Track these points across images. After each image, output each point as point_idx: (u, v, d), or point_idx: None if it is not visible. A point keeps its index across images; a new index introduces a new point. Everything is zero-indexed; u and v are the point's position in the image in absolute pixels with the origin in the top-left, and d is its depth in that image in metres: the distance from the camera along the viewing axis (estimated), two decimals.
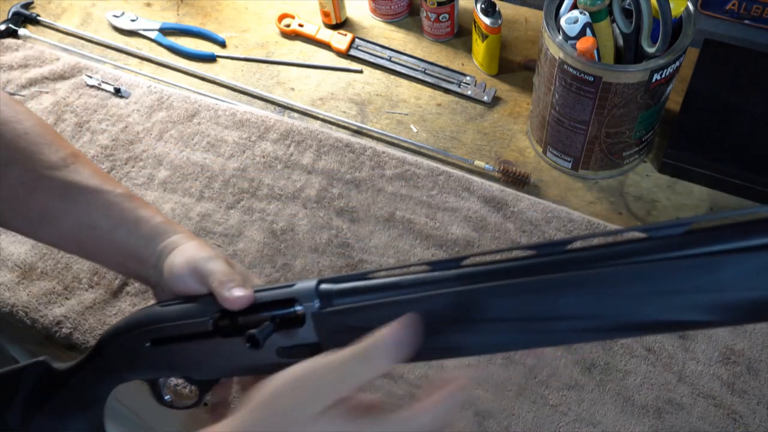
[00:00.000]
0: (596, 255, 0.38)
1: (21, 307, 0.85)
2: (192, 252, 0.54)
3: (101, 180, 0.58)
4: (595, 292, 0.36)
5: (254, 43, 1.14)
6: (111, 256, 0.57)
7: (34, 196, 0.56)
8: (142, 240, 0.56)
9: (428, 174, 0.94)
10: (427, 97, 1.05)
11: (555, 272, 0.38)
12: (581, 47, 0.78)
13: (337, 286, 0.45)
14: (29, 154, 0.56)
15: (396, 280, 0.44)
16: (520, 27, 1.12)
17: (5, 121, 0.56)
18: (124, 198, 0.57)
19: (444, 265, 0.42)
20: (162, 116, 1.03)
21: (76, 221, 0.56)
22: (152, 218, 0.57)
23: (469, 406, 0.75)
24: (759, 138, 0.88)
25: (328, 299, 0.45)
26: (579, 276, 0.37)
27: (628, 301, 0.36)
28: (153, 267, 0.56)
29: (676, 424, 0.73)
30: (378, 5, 1.13)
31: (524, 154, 0.97)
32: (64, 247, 0.60)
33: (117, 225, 0.56)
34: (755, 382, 0.75)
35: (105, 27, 1.17)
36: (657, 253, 0.36)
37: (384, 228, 0.89)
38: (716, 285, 0.34)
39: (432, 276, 0.42)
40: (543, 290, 0.38)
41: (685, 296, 0.34)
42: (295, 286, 0.46)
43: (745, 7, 0.96)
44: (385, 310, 0.42)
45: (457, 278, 0.41)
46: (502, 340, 0.40)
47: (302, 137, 0.99)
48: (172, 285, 0.54)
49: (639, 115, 0.83)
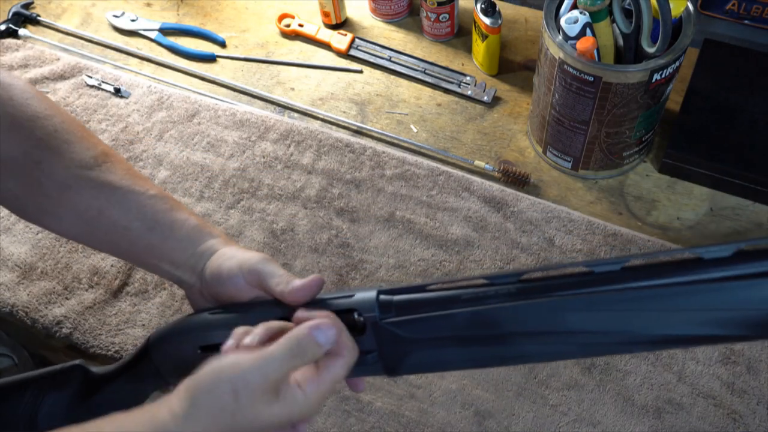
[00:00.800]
0: (646, 273, 0.40)
1: (21, 307, 0.85)
2: (242, 255, 0.53)
3: (134, 180, 0.57)
4: (645, 308, 0.39)
5: (254, 43, 1.14)
6: (145, 258, 0.56)
7: (67, 195, 0.55)
8: (178, 243, 0.55)
9: (428, 174, 0.94)
10: (427, 97, 1.05)
11: (612, 290, 0.40)
12: (581, 47, 0.78)
13: (397, 298, 0.46)
14: (61, 152, 0.55)
15: (454, 293, 0.45)
16: (520, 27, 1.12)
17: (35, 117, 0.55)
18: (158, 199, 0.56)
19: (501, 279, 0.44)
20: (162, 116, 1.03)
21: (110, 222, 0.55)
22: (187, 221, 0.56)
23: (469, 406, 0.75)
24: (759, 138, 0.88)
25: (387, 308, 0.46)
26: (634, 294, 0.40)
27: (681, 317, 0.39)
28: (190, 270, 0.55)
29: (676, 424, 0.73)
30: (378, 5, 1.13)
31: (524, 154, 0.97)
32: (96, 246, 0.59)
33: (151, 227, 0.55)
34: (755, 382, 0.75)
35: (105, 27, 1.17)
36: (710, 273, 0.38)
37: (384, 228, 0.89)
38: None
39: (489, 290, 0.44)
40: (601, 305, 0.40)
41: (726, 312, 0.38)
42: (354, 297, 0.47)
43: (745, 7, 0.96)
44: (444, 323, 0.44)
45: (516, 293, 0.43)
46: (561, 351, 0.43)
47: (302, 137, 0.99)
48: (219, 288, 0.53)
49: (639, 115, 0.83)
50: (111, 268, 0.88)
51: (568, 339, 0.42)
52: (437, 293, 0.46)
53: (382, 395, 0.77)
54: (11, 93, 0.55)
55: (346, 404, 0.76)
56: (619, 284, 0.40)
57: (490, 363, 0.46)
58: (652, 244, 0.85)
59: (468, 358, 0.45)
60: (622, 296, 0.40)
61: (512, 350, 0.44)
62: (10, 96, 0.55)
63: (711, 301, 0.38)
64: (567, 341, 0.42)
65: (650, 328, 0.40)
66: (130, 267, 0.88)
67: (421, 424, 0.74)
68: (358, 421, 0.75)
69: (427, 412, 0.75)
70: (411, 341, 0.45)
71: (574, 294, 0.41)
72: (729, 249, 0.38)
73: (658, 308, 0.39)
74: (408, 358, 0.46)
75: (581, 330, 0.41)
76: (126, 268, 0.88)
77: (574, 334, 0.41)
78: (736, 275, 0.37)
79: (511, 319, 0.43)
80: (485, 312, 0.43)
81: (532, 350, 0.43)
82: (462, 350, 0.45)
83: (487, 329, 0.43)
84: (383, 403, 0.76)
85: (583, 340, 0.42)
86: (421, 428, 0.74)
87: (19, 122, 0.54)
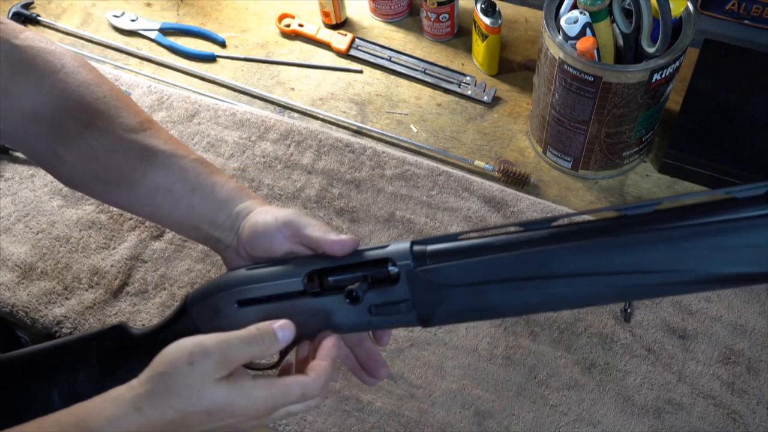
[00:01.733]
0: (679, 215, 0.41)
1: (21, 307, 0.85)
2: (277, 211, 0.55)
3: (176, 145, 0.59)
4: (681, 246, 0.40)
5: (254, 43, 1.14)
6: (185, 220, 0.58)
7: (114, 157, 0.57)
8: (217, 204, 0.57)
9: (428, 174, 0.94)
10: (427, 97, 1.05)
11: (643, 230, 0.42)
12: (581, 47, 0.78)
13: (430, 247, 0.48)
14: (109, 117, 0.58)
15: (487, 240, 0.47)
16: (520, 27, 1.12)
17: (85, 83, 0.58)
18: (199, 163, 0.59)
19: (534, 225, 0.45)
20: (162, 116, 1.03)
21: (153, 184, 0.57)
22: (226, 183, 0.59)
23: (469, 406, 0.75)
24: (759, 138, 0.88)
25: (421, 258, 0.48)
26: (668, 234, 0.41)
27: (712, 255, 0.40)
28: (228, 229, 0.57)
29: (676, 424, 0.73)
30: (378, 5, 1.13)
31: (524, 154, 0.97)
32: (137, 210, 0.61)
33: (193, 188, 0.57)
34: (755, 382, 0.75)
35: (105, 27, 1.17)
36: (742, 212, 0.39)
37: (384, 228, 0.89)
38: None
39: (522, 236, 0.45)
40: (632, 246, 0.41)
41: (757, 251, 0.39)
42: (388, 248, 0.49)
43: (745, 7, 0.96)
44: (478, 269, 0.45)
45: (549, 238, 0.44)
46: (597, 293, 0.44)
47: (302, 137, 0.99)
48: (255, 244, 0.55)
49: (639, 115, 0.83)
50: (111, 268, 0.88)
51: (605, 281, 0.43)
52: (470, 241, 0.47)
53: (382, 395, 0.77)
54: (63, 61, 0.58)
55: (346, 404, 0.76)
56: (653, 225, 0.41)
57: (523, 309, 0.47)
58: None
59: (501, 304, 0.47)
60: (658, 236, 0.41)
61: (548, 293, 0.45)
62: (63, 64, 0.58)
63: (749, 239, 0.39)
64: (604, 283, 0.43)
65: (685, 266, 0.41)
66: (130, 267, 0.88)
67: (421, 424, 0.74)
68: (358, 421, 0.75)
69: (427, 412, 0.75)
70: (445, 288, 0.46)
71: (610, 236, 0.42)
72: (762, 188, 0.39)
73: (694, 247, 0.40)
74: (441, 306, 0.48)
75: (617, 271, 0.42)
76: (126, 268, 0.88)
77: (610, 275, 0.42)
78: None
79: (547, 262, 0.44)
80: (520, 257, 0.44)
81: (567, 293, 0.44)
82: (495, 296, 0.46)
83: (522, 273, 0.44)
84: (383, 403, 0.76)
85: (618, 282, 0.43)
86: (421, 428, 0.74)
87: (71, 88, 0.57)
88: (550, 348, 0.79)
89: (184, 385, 0.43)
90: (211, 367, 0.43)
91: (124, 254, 0.89)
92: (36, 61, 0.57)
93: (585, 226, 0.44)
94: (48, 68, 0.57)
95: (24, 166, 0.99)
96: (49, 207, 0.94)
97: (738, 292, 0.81)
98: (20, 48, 0.57)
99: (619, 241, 0.42)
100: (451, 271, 0.46)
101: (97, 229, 0.91)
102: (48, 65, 0.57)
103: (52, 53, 0.58)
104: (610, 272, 0.42)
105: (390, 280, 0.49)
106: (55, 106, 0.57)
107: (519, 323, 0.80)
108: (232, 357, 0.44)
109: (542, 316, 0.81)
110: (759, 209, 0.39)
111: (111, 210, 0.93)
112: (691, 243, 0.40)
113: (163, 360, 0.44)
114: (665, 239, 0.41)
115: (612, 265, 0.42)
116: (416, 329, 0.81)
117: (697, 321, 0.80)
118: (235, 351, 0.44)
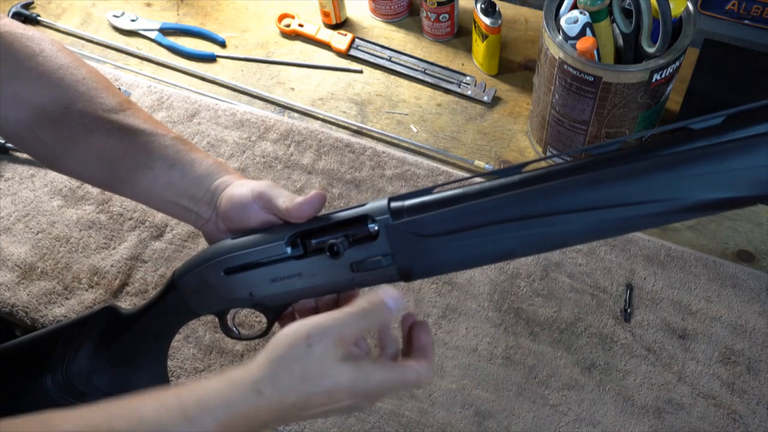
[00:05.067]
0: (644, 149, 0.42)
1: (21, 307, 0.85)
2: (252, 183, 0.57)
3: (155, 124, 0.61)
4: (648, 179, 0.42)
5: (254, 43, 1.14)
6: (165, 196, 0.59)
7: (95, 136, 0.59)
8: (196, 179, 0.59)
9: (428, 174, 0.94)
10: (427, 97, 1.05)
11: (609, 166, 0.43)
12: (581, 47, 0.78)
13: (407, 202, 0.49)
14: (89, 97, 0.59)
15: (461, 191, 0.48)
16: (520, 27, 1.12)
17: (64, 66, 0.59)
18: (178, 141, 0.60)
19: (506, 172, 0.47)
20: (162, 116, 1.03)
21: (134, 162, 0.58)
22: (205, 159, 0.60)
23: (469, 406, 0.75)
24: None
25: (399, 214, 0.49)
26: (634, 167, 0.42)
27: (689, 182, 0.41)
28: (207, 203, 0.59)
29: (676, 424, 0.73)
30: (378, 5, 1.13)
31: (524, 154, 0.97)
32: (117, 188, 0.62)
33: (173, 165, 0.59)
34: (755, 382, 0.75)
35: (105, 27, 1.17)
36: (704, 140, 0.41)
37: None
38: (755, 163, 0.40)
39: (494, 184, 0.47)
40: (601, 181, 0.43)
41: (734, 174, 0.40)
42: (366, 206, 0.51)
43: (745, 7, 0.96)
44: (453, 216, 0.47)
45: (520, 182, 0.46)
46: (574, 230, 0.45)
47: (302, 137, 0.99)
48: (231, 215, 0.56)
49: (639, 115, 0.83)
50: (111, 268, 0.88)
51: (578, 218, 0.44)
52: (446, 193, 0.49)
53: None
54: (42, 46, 0.60)
55: None
56: (619, 161, 0.43)
57: (500, 255, 0.48)
58: (651, 244, 0.85)
59: (479, 251, 0.48)
60: (624, 170, 0.42)
61: (523, 235, 0.46)
62: (41, 48, 0.59)
63: (712, 167, 0.40)
64: (577, 220, 0.44)
65: (652, 196, 0.42)
66: (130, 267, 0.88)
67: (421, 424, 0.74)
68: (358, 421, 0.75)
69: (427, 412, 0.75)
70: (423, 239, 0.48)
71: (580, 174, 0.44)
72: (719, 118, 0.41)
73: (658, 177, 0.41)
74: (421, 258, 0.49)
75: (588, 207, 0.43)
76: (126, 268, 0.88)
77: (582, 211, 0.44)
78: (730, 140, 0.40)
79: (520, 204, 0.45)
80: (493, 202, 0.46)
81: (542, 233, 0.45)
82: (472, 242, 0.47)
83: (496, 217, 0.46)
84: (383, 403, 0.76)
85: (590, 218, 0.44)
86: (421, 428, 0.74)
87: (50, 71, 0.59)
88: (550, 348, 0.79)
89: (305, 367, 0.43)
90: (331, 347, 0.44)
91: (124, 254, 0.89)
92: (15, 46, 0.58)
93: (554, 169, 0.46)
94: (27, 52, 0.59)
95: (24, 166, 0.99)
96: (49, 207, 0.94)
97: (738, 292, 0.81)
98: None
99: (588, 177, 0.43)
100: (429, 221, 0.48)
101: (97, 229, 0.91)
102: (27, 49, 0.59)
103: (30, 38, 0.59)
104: (581, 209, 0.44)
105: (370, 237, 0.50)
106: (35, 88, 0.58)
107: (519, 323, 0.80)
108: (348, 334, 0.45)
109: (542, 316, 0.81)
110: (717, 138, 0.41)
111: (111, 210, 0.93)
112: (655, 174, 0.42)
113: (281, 343, 0.44)
114: (632, 172, 0.42)
115: (583, 202, 0.43)
116: None
117: (697, 321, 0.80)
118: (351, 327, 0.45)
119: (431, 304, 0.82)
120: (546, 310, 0.81)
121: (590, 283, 0.83)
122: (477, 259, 0.49)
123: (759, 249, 0.86)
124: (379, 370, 0.45)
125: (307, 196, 0.52)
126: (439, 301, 0.83)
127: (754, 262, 0.85)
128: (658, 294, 0.82)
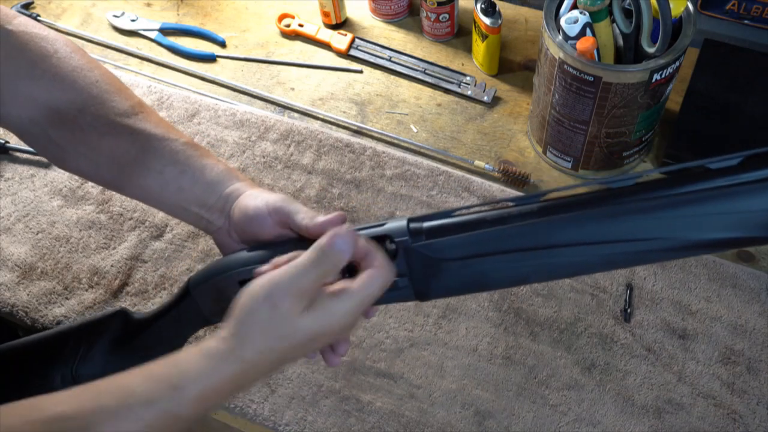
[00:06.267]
0: (661, 185, 0.43)
1: (21, 307, 0.85)
2: (266, 196, 0.56)
3: (167, 129, 0.60)
4: (663, 216, 0.43)
5: (254, 43, 1.14)
6: (176, 201, 0.59)
7: (106, 140, 0.59)
8: (207, 186, 0.58)
9: (428, 174, 0.94)
10: (427, 97, 1.05)
11: (627, 201, 0.44)
12: (581, 47, 0.78)
13: (425, 224, 0.50)
14: (102, 101, 0.59)
15: (481, 216, 0.48)
16: (520, 27, 1.12)
17: (78, 68, 0.60)
18: (189, 146, 0.60)
19: (525, 200, 0.47)
20: (162, 116, 1.02)
21: (144, 167, 0.58)
22: (216, 165, 0.60)
23: (469, 406, 0.75)
24: (759, 138, 0.88)
25: (417, 235, 0.49)
26: (650, 203, 0.43)
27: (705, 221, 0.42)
28: (219, 211, 0.58)
29: (676, 424, 0.73)
30: (378, 5, 1.13)
31: (524, 154, 0.97)
32: (128, 191, 0.62)
33: (183, 171, 0.58)
34: (755, 382, 0.75)
35: (105, 27, 1.17)
36: (721, 180, 0.42)
37: None
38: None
39: (513, 211, 0.47)
40: (617, 216, 0.44)
41: (750, 215, 0.41)
42: (386, 225, 0.51)
43: (745, 7, 0.96)
44: (472, 242, 0.47)
45: (539, 211, 0.46)
46: (590, 261, 0.46)
47: (302, 137, 0.99)
48: (245, 227, 0.56)
49: (639, 115, 0.83)
50: (111, 268, 0.88)
51: (593, 250, 0.45)
52: (464, 217, 0.49)
53: (382, 395, 0.77)
54: (56, 47, 0.60)
55: (346, 404, 0.76)
56: (636, 196, 0.43)
57: (515, 280, 0.49)
58: None
59: (495, 276, 0.48)
60: (641, 206, 0.43)
61: (539, 264, 0.46)
62: (56, 49, 0.59)
63: (726, 207, 0.41)
64: (592, 252, 0.45)
65: (664, 234, 0.43)
66: (130, 267, 0.88)
67: (421, 424, 0.74)
68: (358, 421, 0.75)
69: (427, 412, 0.75)
70: (441, 262, 0.48)
71: (596, 207, 0.44)
72: (736, 158, 0.41)
73: (673, 215, 0.42)
74: (438, 280, 0.49)
75: (603, 240, 0.44)
76: (126, 268, 0.88)
77: (597, 244, 0.44)
78: (746, 181, 0.41)
79: (537, 234, 0.46)
80: (512, 230, 0.46)
81: (557, 263, 0.46)
82: (488, 268, 0.48)
83: (514, 245, 0.46)
84: (383, 403, 0.76)
85: (605, 251, 0.44)
86: (421, 428, 0.74)
87: (64, 73, 0.59)
88: (550, 348, 0.79)
89: (277, 326, 0.44)
90: (296, 302, 0.45)
91: (124, 254, 0.89)
92: (29, 47, 0.58)
93: (572, 199, 0.46)
94: (41, 53, 0.58)
95: (24, 166, 0.99)
96: (49, 207, 0.94)
97: (738, 292, 0.81)
98: (14, 33, 0.58)
99: (604, 211, 0.44)
100: (447, 245, 0.48)
101: (97, 229, 0.91)
102: (41, 50, 0.58)
103: (45, 38, 0.59)
104: (597, 241, 0.44)
105: (388, 256, 0.50)
106: (49, 90, 0.58)
107: (519, 323, 0.80)
108: (306, 285, 0.45)
109: (542, 316, 0.81)
110: (733, 179, 0.41)
111: (111, 210, 0.93)
112: (670, 211, 0.42)
113: (242, 307, 0.45)
114: (648, 209, 0.43)
115: (599, 235, 0.44)
116: (416, 330, 0.81)
117: (697, 321, 0.80)
118: (308, 278, 0.45)
119: (431, 304, 0.82)
120: (546, 310, 0.81)
121: (590, 283, 0.83)
122: (492, 284, 0.50)
123: (759, 249, 0.86)
124: (342, 302, 0.46)
125: (328, 216, 0.52)
126: (439, 301, 0.83)
127: (754, 262, 0.85)
128: (658, 294, 0.82)
